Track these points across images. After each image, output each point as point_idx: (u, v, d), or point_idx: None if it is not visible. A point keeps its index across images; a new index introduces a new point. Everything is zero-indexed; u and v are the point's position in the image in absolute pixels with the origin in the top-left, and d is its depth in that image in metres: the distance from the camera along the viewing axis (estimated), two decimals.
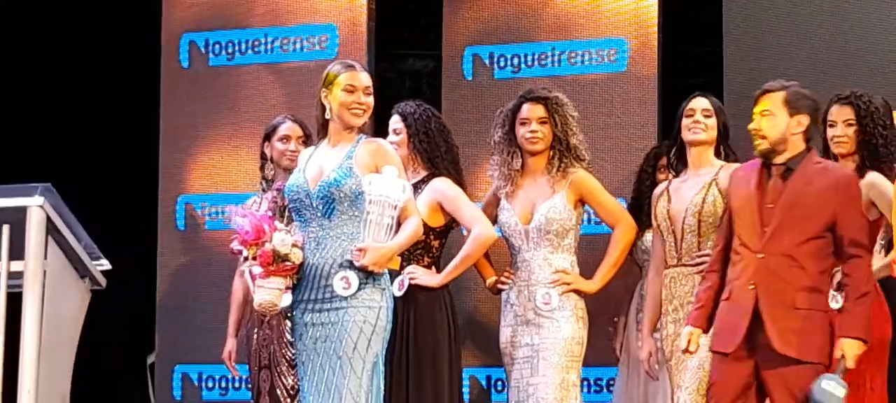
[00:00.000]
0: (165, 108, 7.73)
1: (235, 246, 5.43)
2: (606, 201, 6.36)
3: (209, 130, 7.68)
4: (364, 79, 5.51)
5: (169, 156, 7.71)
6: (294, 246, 5.38)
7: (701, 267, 5.89)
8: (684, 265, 6.08)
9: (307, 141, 6.43)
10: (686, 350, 5.56)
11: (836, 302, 5.65)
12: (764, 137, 5.44)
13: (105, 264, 5.89)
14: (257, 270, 5.36)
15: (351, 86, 5.47)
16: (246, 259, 5.40)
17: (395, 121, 6.42)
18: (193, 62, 7.72)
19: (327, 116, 5.51)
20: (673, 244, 6.11)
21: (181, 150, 7.70)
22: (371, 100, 5.51)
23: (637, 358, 6.52)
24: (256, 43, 7.67)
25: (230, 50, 7.71)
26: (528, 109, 6.34)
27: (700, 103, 6.15)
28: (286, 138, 6.56)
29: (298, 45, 7.61)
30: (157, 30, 7.77)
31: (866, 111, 5.91)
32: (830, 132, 5.99)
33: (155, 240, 7.68)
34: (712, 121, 6.13)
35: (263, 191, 6.60)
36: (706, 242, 6.03)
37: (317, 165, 5.51)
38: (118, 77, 8.48)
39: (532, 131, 6.31)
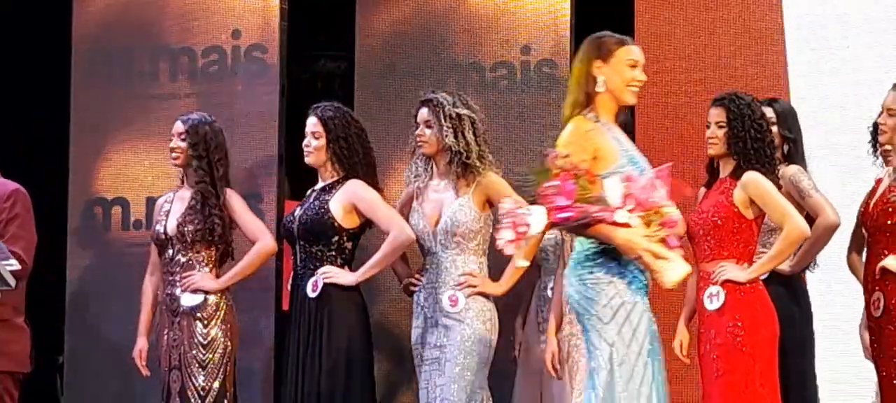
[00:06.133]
0: (76, 109, 7.66)
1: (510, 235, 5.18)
2: None
3: (119, 131, 7.62)
4: (642, 55, 5.33)
5: (79, 157, 7.64)
6: None
7: None
8: None
9: None
10: None
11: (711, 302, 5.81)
12: None
13: (14, 264, 5.84)
14: (674, 241, 5.14)
15: (633, 62, 5.28)
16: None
17: (314, 124, 6.43)
18: (101, 69, 7.66)
19: (598, 89, 5.25)
20: (570, 244, 6.12)
21: (91, 152, 7.64)
22: (644, 77, 5.33)
23: (537, 358, 6.53)
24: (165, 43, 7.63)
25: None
26: (419, 112, 6.40)
27: None
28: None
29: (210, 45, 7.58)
30: (68, 33, 7.71)
31: (737, 113, 5.98)
32: (706, 132, 6.07)
33: (64, 241, 7.62)
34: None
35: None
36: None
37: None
38: (28, 78, 8.41)
39: (418, 134, 6.37)
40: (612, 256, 5.16)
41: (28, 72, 8.42)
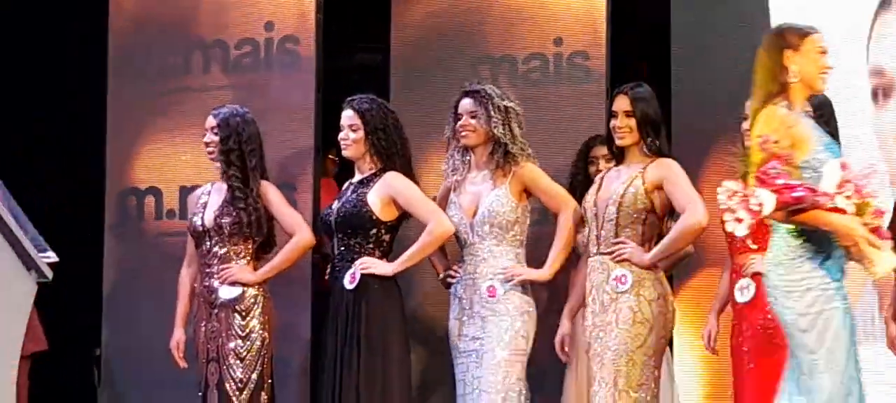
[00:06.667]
0: (113, 99, 7.70)
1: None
2: (549, 187, 6.37)
3: (153, 123, 7.65)
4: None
5: (115, 148, 7.68)
6: None
7: (616, 254, 5.97)
8: (602, 253, 6.10)
9: None
10: None
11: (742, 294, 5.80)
12: None
13: (52, 256, 5.87)
14: (885, 232, 5.06)
15: (822, 49, 5.24)
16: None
17: (351, 117, 6.43)
18: (136, 62, 7.70)
19: (791, 79, 5.19)
20: (595, 232, 6.15)
21: (127, 142, 7.67)
22: (833, 64, 5.32)
23: (581, 348, 6.53)
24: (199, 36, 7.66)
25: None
26: (461, 103, 6.39)
27: (622, 104, 6.14)
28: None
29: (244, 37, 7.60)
30: (104, 26, 7.74)
31: None
32: (743, 125, 6.03)
33: (101, 233, 7.66)
34: (633, 122, 6.13)
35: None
36: (624, 232, 6.06)
37: None
38: (65, 70, 8.46)
39: (462, 124, 6.36)
40: (813, 253, 5.09)
41: (65, 66, 8.47)
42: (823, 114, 6.25)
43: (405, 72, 7.43)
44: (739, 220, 5.05)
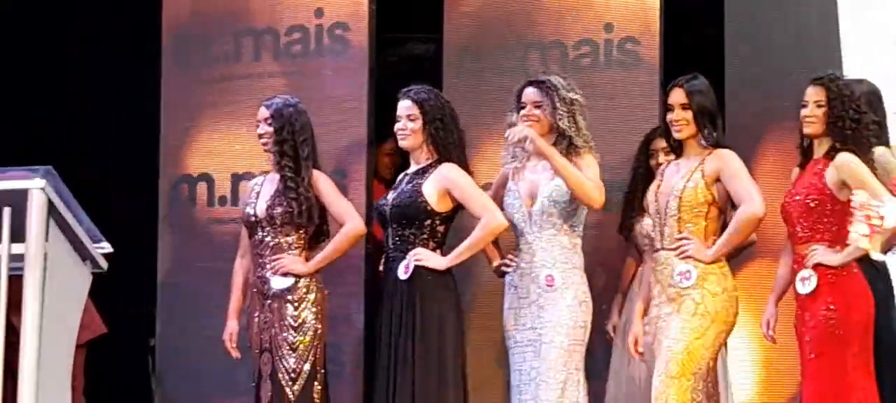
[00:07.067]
0: (166, 88, 7.73)
1: None
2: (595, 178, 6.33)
3: (205, 111, 7.68)
4: None
5: (168, 135, 7.71)
6: None
7: (679, 251, 5.95)
8: (665, 249, 6.09)
9: None
10: None
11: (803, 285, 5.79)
12: None
13: (106, 247, 5.88)
14: None
15: None
16: None
17: (410, 107, 6.43)
18: (189, 51, 7.72)
19: None
20: (658, 228, 6.13)
21: (180, 130, 7.70)
22: None
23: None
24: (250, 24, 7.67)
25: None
26: (525, 92, 6.37)
27: (678, 97, 6.12)
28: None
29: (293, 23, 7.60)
30: (158, 17, 7.77)
31: (837, 93, 5.92)
32: (802, 112, 6.00)
33: (155, 221, 7.68)
34: (690, 115, 6.10)
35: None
36: (687, 227, 6.04)
37: None
38: (118, 58, 8.49)
39: (526, 114, 6.34)
40: None
41: (120, 55, 8.51)
42: (871, 101, 6.21)
43: (458, 61, 7.41)
44: (858, 232, 5.03)
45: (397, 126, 6.46)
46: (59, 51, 8.51)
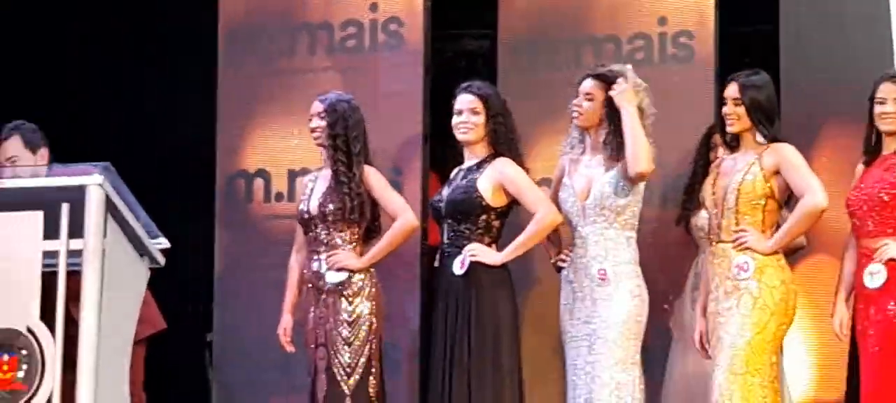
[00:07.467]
0: (223, 85, 7.77)
1: None
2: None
3: (261, 107, 7.71)
4: None
5: (224, 131, 7.75)
6: None
7: (738, 242, 5.93)
8: (723, 241, 6.08)
9: None
10: None
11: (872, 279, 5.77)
12: None
13: (163, 243, 5.91)
14: None
15: None
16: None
17: (472, 101, 6.45)
18: (244, 47, 7.75)
19: None
20: (716, 221, 6.11)
21: (236, 126, 7.74)
22: None
23: (688, 333, 6.50)
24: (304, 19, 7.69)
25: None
26: (583, 82, 6.40)
27: (731, 92, 6.11)
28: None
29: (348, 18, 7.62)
30: (215, 14, 7.81)
31: None
32: (878, 109, 5.97)
33: (212, 218, 7.73)
34: (742, 109, 6.08)
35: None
36: (744, 220, 6.02)
37: None
38: (175, 53, 8.54)
39: (575, 104, 6.36)
40: None
41: (177, 51, 8.55)
42: None
43: (513, 57, 7.41)
44: None
45: (458, 120, 6.48)
46: (119, 46, 8.56)
